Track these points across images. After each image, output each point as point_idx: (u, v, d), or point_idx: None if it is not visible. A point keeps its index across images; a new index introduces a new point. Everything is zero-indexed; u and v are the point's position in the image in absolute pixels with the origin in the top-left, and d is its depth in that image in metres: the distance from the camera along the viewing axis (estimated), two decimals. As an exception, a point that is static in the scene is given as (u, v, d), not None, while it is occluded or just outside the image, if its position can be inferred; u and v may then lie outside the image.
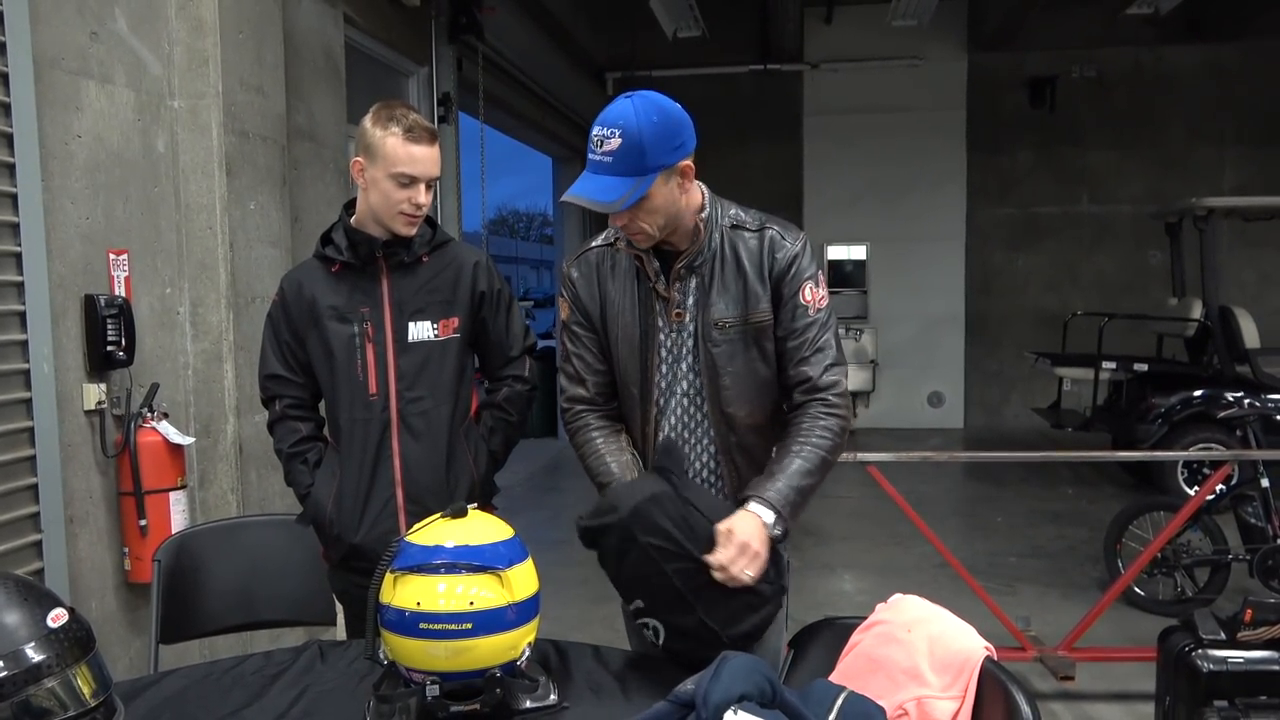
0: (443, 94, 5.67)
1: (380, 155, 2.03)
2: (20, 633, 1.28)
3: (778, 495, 1.76)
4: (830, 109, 9.85)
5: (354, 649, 1.89)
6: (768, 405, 1.92)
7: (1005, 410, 9.99)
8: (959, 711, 1.49)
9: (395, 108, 2.07)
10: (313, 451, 2.19)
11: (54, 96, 2.69)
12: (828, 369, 1.86)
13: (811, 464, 1.81)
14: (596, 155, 1.74)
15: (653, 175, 1.74)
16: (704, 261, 1.88)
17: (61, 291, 2.71)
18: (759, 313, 1.87)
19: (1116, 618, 4.23)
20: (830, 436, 1.84)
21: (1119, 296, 9.08)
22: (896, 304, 9.97)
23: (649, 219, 1.79)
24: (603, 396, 1.99)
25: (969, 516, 5.90)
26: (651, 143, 1.72)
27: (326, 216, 4.06)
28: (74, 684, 1.31)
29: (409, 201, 2.05)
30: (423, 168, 2.05)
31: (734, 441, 1.91)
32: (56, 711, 1.29)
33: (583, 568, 3.37)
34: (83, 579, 2.78)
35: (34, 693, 1.27)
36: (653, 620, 1.71)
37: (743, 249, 1.88)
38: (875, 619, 1.67)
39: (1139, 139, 9.61)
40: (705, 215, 1.88)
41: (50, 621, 1.31)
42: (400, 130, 2.02)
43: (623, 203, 1.72)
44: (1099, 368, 6.92)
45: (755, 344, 1.88)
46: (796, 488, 1.78)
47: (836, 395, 1.86)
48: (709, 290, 1.88)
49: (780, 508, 1.75)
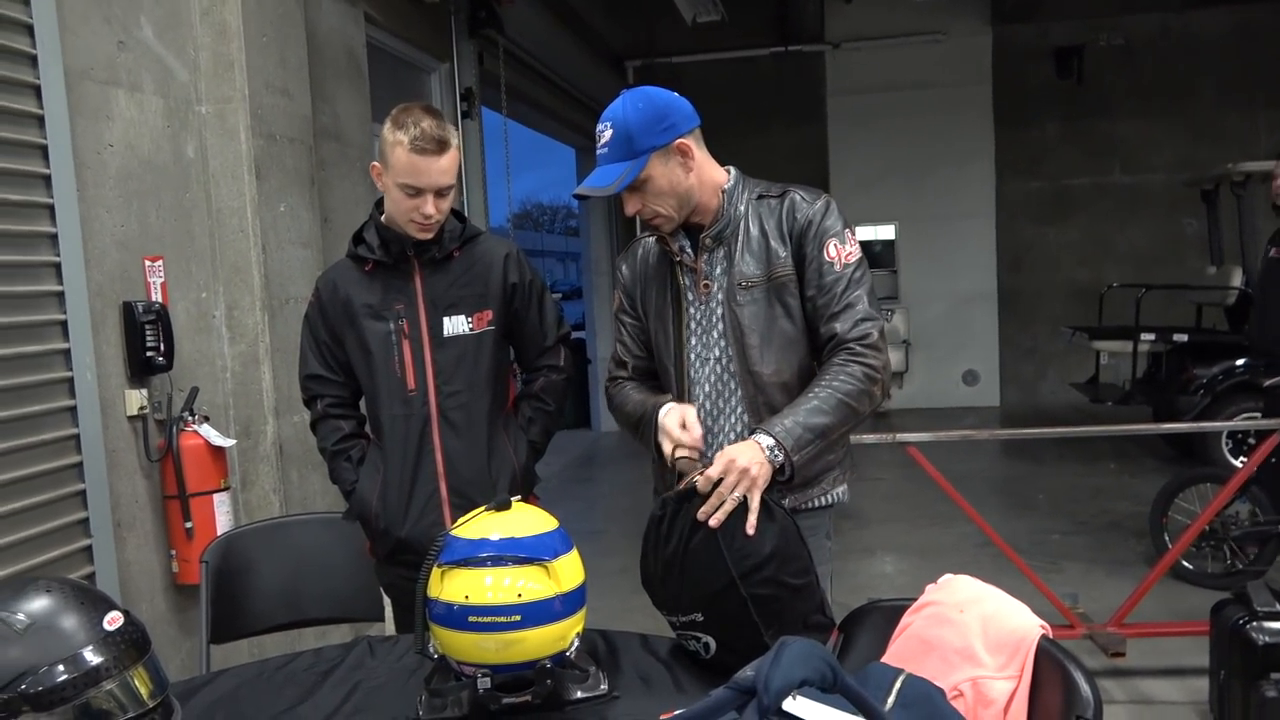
0: (465, 89, 5.66)
1: (390, 163, 2.04)
2: (78, 636, 1.29)
3: (782, 428, 1.74)
4: (853, 89, 9.75)
5: (402, 644, 1.90)
6: (794, 362, 1.93)
7: (1041, 386, 9.87)
8: (1015, 691, 1.47)
9: (410, 113, 2.04)
10: (355, 448, 2.21)
11: (85, 107, 2.72)
12: (857, 323, 1.85)
13: (826, 404, 1.78)
14: (598, 149, 1.89)
15: (644, 157, 1.84)
16: (730, 231, 1.93)
17: (100, 299, 2.74)
18: (779, 269, 1.90)
19: (1164, 592, 4.16)
20: (852, 381, 1.80)
21: (1154, 267, 8.93)
22: (927, 283, 9.87)
23: (659, 201, 1.88)
24: (640, 376, 2.08)
25: (1009, 495, 5.84)
26: (638, 127, 1.84)
27: (355, 216, 4.07)
28: (132, 685, 1.33)
29: (417, 211, 2.05)
30: (427, 179, 2.02)
31: (762, 401, 1.92)
32: (116, 713, 1.30)
33: (621, 557, 3.39)
34: (132, 582, 2.82)
35: (94, 695, 1.28)
36: (705, 635, 1.66)
37: (766, 213, 1.93)
38: (926, 600, 1.65)
39: (1169, 106, 9.43)
40: (729, 188, 1.94)
41: (107, 624, 1.32)
42: (407, 140, 2.00)
43: (618, 184, 1.84)
44: (1137, 340, 6.80)
45: (779, 300, 1.91)
46: (804, 424, 1.75)
47: (864, 345, 1.84)
48: (734, 255, 1.92)
49: (780, 436, 1.72)
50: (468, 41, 5.70)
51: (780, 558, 1.63)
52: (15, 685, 1.23)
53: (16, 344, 2.47)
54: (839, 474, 2.01)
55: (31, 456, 2.49)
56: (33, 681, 1.24)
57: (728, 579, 1.61)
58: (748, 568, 1.61)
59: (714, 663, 1.67)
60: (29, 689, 1.24)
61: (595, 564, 1.67)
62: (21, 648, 1.25)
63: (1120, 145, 9.64)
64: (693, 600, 1.65)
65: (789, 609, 1.64)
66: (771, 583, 1.62)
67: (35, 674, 1.24)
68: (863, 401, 1.82)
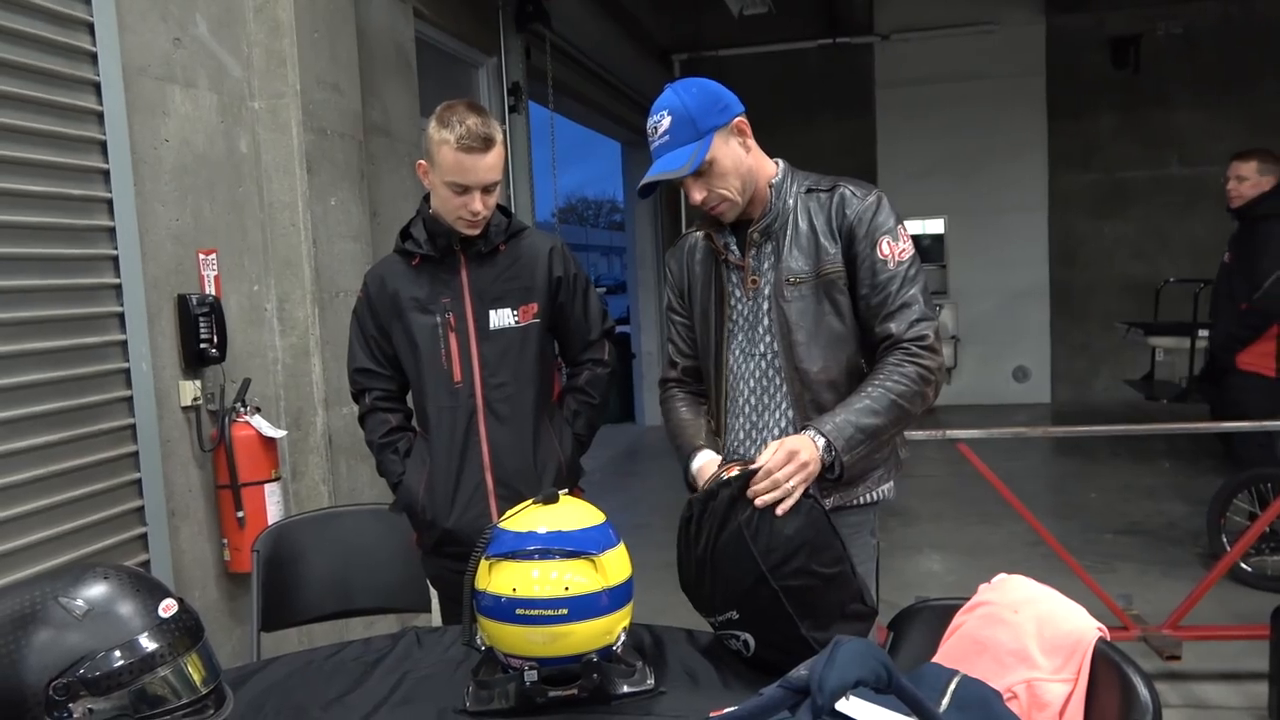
0: (512, 84, 5.68)
1: (436, 161, 2.06)
2: (134, 623, 1.31)
3: (833, 426, 1.73)
4: (903, 80, 9.62)
5: (449, 635, 1.91)
6: (842, 360, 1.90)
7: (1094, 383, 9.68)
8: (1071, 695, 1.43)
9: (455, 111, 2.05)
10: (403, 441, 2.23)
11: (142, 103, 2.76)
12: (913, 324, 1.83)
13: (879, 404, 1.76)
14: (655, 141, 1.87)
15: (709, 137, 1.83)
16: (778, 225, 1.91)
17: (156, 292, 2.79)
18: (829, 266, 1.87)
19: (1221, 595, 4.06)
20: (906, 382, 1.79)
21: (1213, 261, 8.63)
22: (977, 278, 9.72)
23: (724, 183, 1.86)
24: (690, 377, 2.07)
25: (1060, 493, 5.74)
26: (697, 109, 1.84)
27: (403, 210, 4.10)
28: (186, 672, 1.34)
29: (465, 208, 2.06)
30: (474, 177, 2.03)
31: (809, 400, 1.90)
32: (170, 699, 1.32)
33: (665, 551, 3.36)
34: (185, 570, 2.87)
35: (149, 681, 1.30)
36: (744, 634, 1.66)
37: (815, 207, 1.90)
38: (979, 600, 1.62)
39: (1230, 96, 9.17)
40: (776, 181, 1.92)
41: (162, 611, 1.34)
42: (453, 138, 2.01)
43: (690, 165, 1.82)
44: (1195, 336, 6.64)
45: (827, 297, 1.88)
46: (856, 424, 1.74)
47: (921, 345, 1.81)
48: (781, 251, 1.90)
49: (832, 435, 1.71)
50: (515, 36, 5.71)
51: (810, 547, 1.61)
52: (74, 670, 1.26)
53: (76, 335, 2.52)
54: (884, 472, 1.99)
55: (89, 446, 2.55)
56: (90, 667, 1.26)
57: (757, 573, 1.60)
58: (776, 560, 1.60)
59: (757, 660, 1.66)
60: (87, 674, 1.26)
61: (640, 558, 1.67)
62: (80, 633, 1.27)
63: (1178, 137, 9.40)
64: (726, 598, 1.64)
65: (823, 599, 1.62)
66: (803, 573, 1.60)
67: (93, 659, 1.27)
68: (915, 403, 1.80)
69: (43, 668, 1.25)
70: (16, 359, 2.35)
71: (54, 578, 1.34)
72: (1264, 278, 4.46)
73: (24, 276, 2.39)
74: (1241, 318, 4.59)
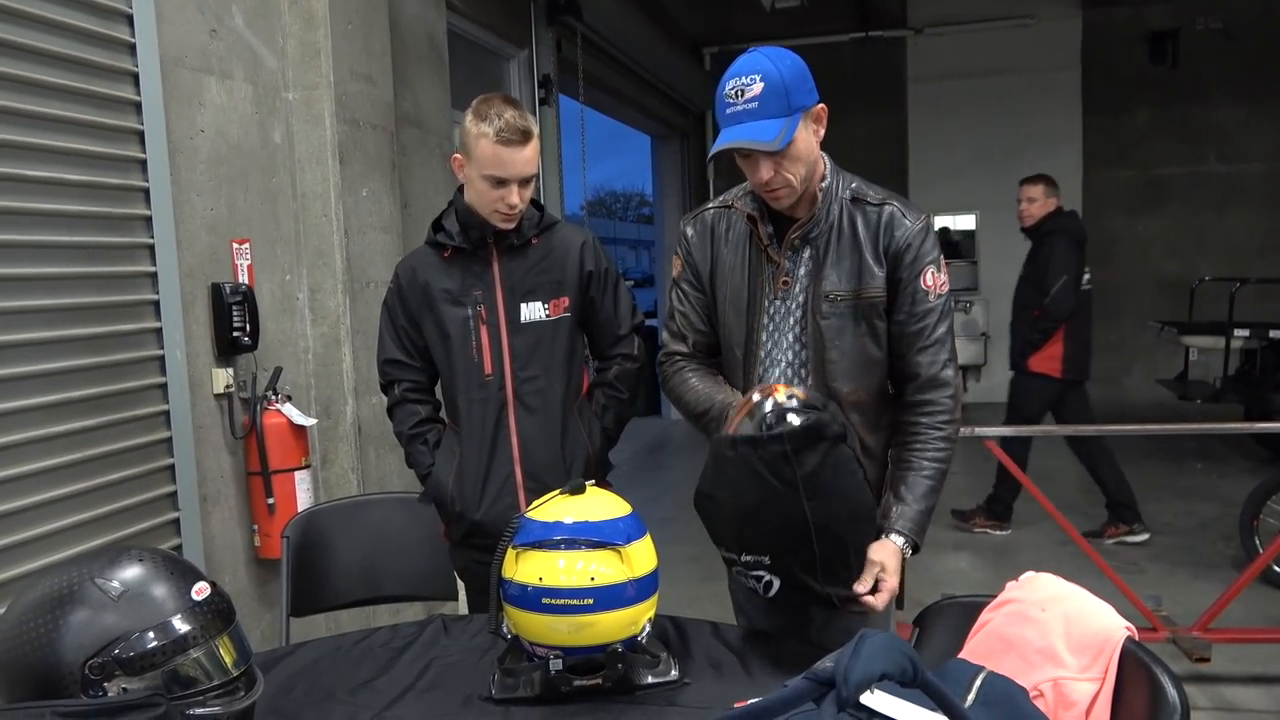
0: (543, 76, 5.69)
1: (473, 155, 2.06)
2: (168, 605, 1.34)
3: (908, 523, 1.82)
4: (936, 75, 9.54)
5: (475, 624, 1.93)
6: (873, 384, 1.89)
7: (1126, 382, 9.55)
8: (1098, 694, 1.42)
9: (492, 105, 2.06)
10: (432, 432, 2.24)
11: (179, 93, 2.80)
12: (945, 365, 1.87)
13: (936, 480, 1.87)
14: (738, 106, 1.73)
15: (798, 115, 1.74)
16: (820, 233, 1.86)
17: (190, 280, 2.82)
18: (871, 289, 1.84)
19: (1253, 597, 4.00)
20: (947, 447, 1.88)
21: (1251, 260, 8.57)
22: (1008, 274, 9.49)
23: (794, 168, 1.78)
24: (702, 353, 2.00)
25: (1090, 493, 5.66)
26: (792, 81, 1.73)
27: (434, 201, 4.13)
28: (218, 654, 1.37)
29: (502, 201, 2.07)
30: (512, 170, 2.04)
31: None
32: (202, 680, 1.35)
33: (690, 544, 3.36)
34: (216, 555, 2.91)
35: (181, 663, 1.33)
36: (770, 575, 1.68)
37: (861, 222, 1.85)
38: (1006, 597, 1.61)
39: (1270, 92, 9.01)
40: (826, 185, 1.85)
41: (194, 594, 1.36)
42: (492, 132, 2.02)
43: (781, 140, 1.72)
44: (1230, 335, 6.54)
45: (865, 320, 1.85)
46: (924, 509, 1.84)
47: (950, 398, 1.87)
48: (823, 263, 1.85)
49: (909, 532, 1.82)
50: (546, 28, 5.72)
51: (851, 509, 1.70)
52: (109, 650, 1.28)
53: (112, 322, 2.56)
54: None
55: (124, 431, 2.59)
56: (125, 647, 1.29)
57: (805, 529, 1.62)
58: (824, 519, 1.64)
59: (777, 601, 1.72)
60: (122, 654, 1.29)
61: (665, 551, 1.67)
62: (116, 614, 1.30)
63: (1216, 133, 9.26)
64: (762, 545, 1.68)
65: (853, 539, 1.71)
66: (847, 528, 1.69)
67: (128, 640, 1.29)
68: (950, 462, 1.90)
69: (79, 647, 1.28)
70: (54, 345, 2.39)
71: (90, 559, 1.37)
72: (1052, 286, 5.26)
73: (62, 264, 2.43)
74: (1034, 324, 5.25)
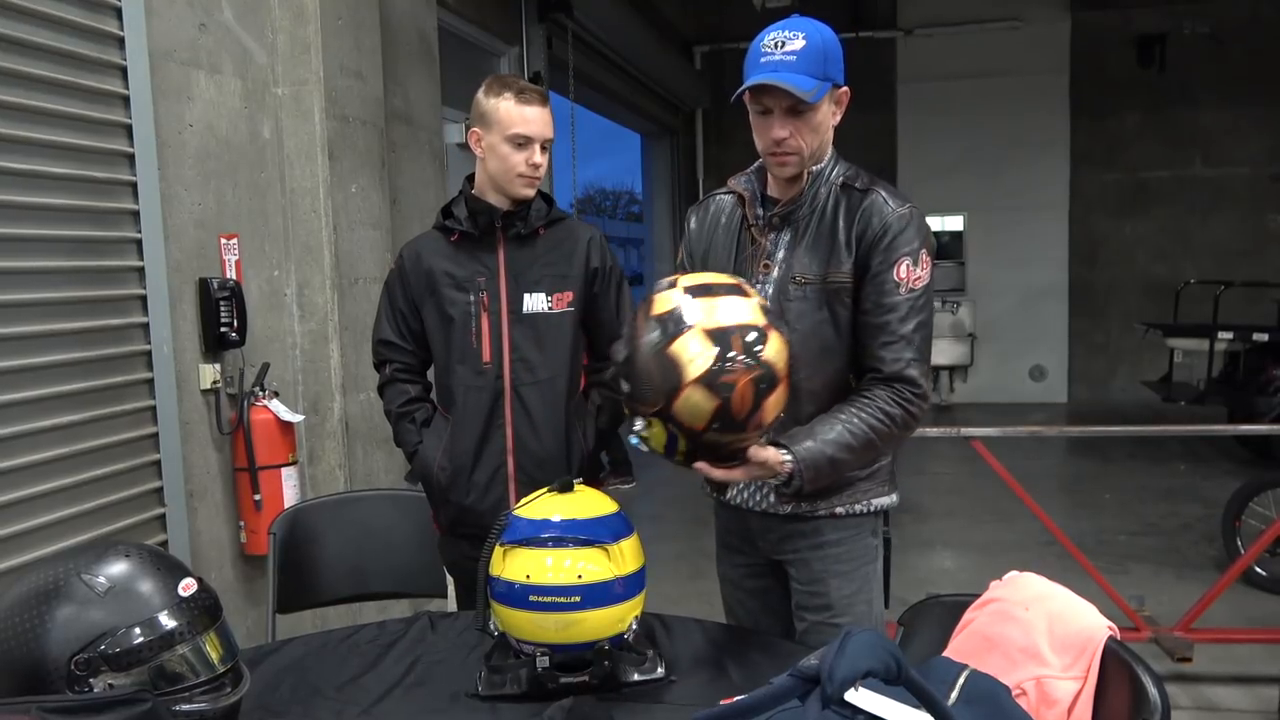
0: (533, 73, 5.69)
1: (495, 120, 2.11)
2: (155, 600, 1.34)
3: (805, 450, 1.67)
4: (925, 76, 9.57)
5: (462, 620, 1.93)
6: (829, 372, 1.80)
7: (1111, 384, 9.63)
8: (1080, 693, 1.44)
9: (502, 79, 2.16)
10: (420, 411, 2.25)
11: (167, 87, 2.79)
12: (909, 363, 1.74)
13: (857, 440, 1.70)
14: (775, 55, 1.72)
15: (828, 85, 1.74)
16: (802, 215, 1.83)
17: (178, 275, 2.81)
18: (838, 274, 1.78)
19: (1235, 598, 4.04)
20: (889, 424, 1.72)
21: (1235, 263, 8.63)
22: (995, 275, 9.67)
23: (809, 136, 1.77)
24: None
25: (1075, 493, 5.72)
26: (832, 51, 1.74)
27: (423, 198, 4.12)
28: (204, 650, 1.37)
29: (526, 163, 2.11)
30: (536, 127, 2.11)
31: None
32: (189, 676, 1.35)
33: (677, 543, 3.41)
34: (202, 551, 2.91)
35: (168, 658, 1.33)
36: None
37: (843, 207, 1.81)
38: (990, 596, 1.62)
39: (1257, 96, 9.07)
40: (819, 168, 1.83)
41: (181, 590, 1.36)
42: (512, 94, 2.11)
43: (815, 93, 1.71)
44: (1214, 338, 6.60)
45: (828, 306, 1.79)
46: (829, 455, 1.68)
47: (912, 390, 1.74)
48: (798, 244, 1.82)
49: (804, 464, 1.66)
50: (537, 25, 5.72)
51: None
52: (95, 645, 1.28)
53: (99, 317, 2.55)
54: (875, 486, 1.88)
55: (110, 426, 2.58)
56: (111, 643, 1.29)
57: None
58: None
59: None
60: (108, 649, 1.28)
61: (653, 549, 1.68)
62: (102, 610, 1.30)
63: (1203, 137, 9.32)
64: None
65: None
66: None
67: (114, 635, 1.29)
68: (889, 444, 1.76)
69: (65, 642, 1.28)
70: (41, 339, 2.38)
71: (76, 555, 1.37)
72: None
73: (49, 258, 2.42)
74: None
